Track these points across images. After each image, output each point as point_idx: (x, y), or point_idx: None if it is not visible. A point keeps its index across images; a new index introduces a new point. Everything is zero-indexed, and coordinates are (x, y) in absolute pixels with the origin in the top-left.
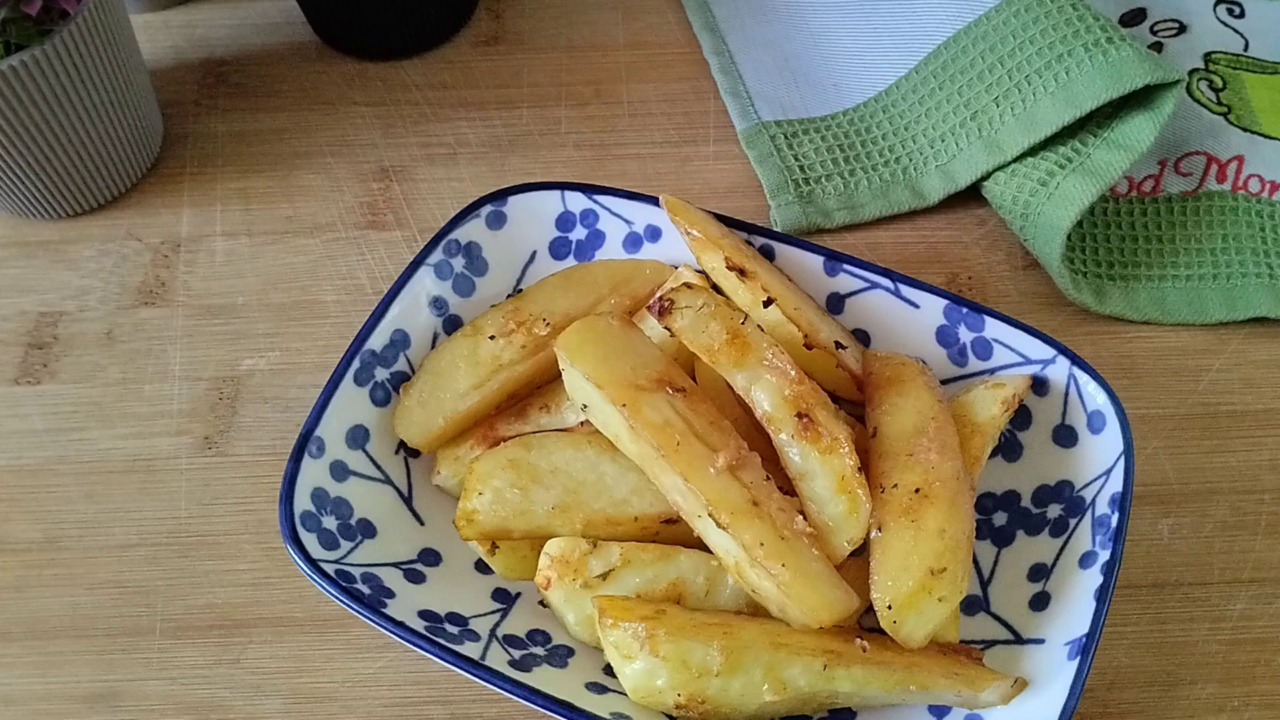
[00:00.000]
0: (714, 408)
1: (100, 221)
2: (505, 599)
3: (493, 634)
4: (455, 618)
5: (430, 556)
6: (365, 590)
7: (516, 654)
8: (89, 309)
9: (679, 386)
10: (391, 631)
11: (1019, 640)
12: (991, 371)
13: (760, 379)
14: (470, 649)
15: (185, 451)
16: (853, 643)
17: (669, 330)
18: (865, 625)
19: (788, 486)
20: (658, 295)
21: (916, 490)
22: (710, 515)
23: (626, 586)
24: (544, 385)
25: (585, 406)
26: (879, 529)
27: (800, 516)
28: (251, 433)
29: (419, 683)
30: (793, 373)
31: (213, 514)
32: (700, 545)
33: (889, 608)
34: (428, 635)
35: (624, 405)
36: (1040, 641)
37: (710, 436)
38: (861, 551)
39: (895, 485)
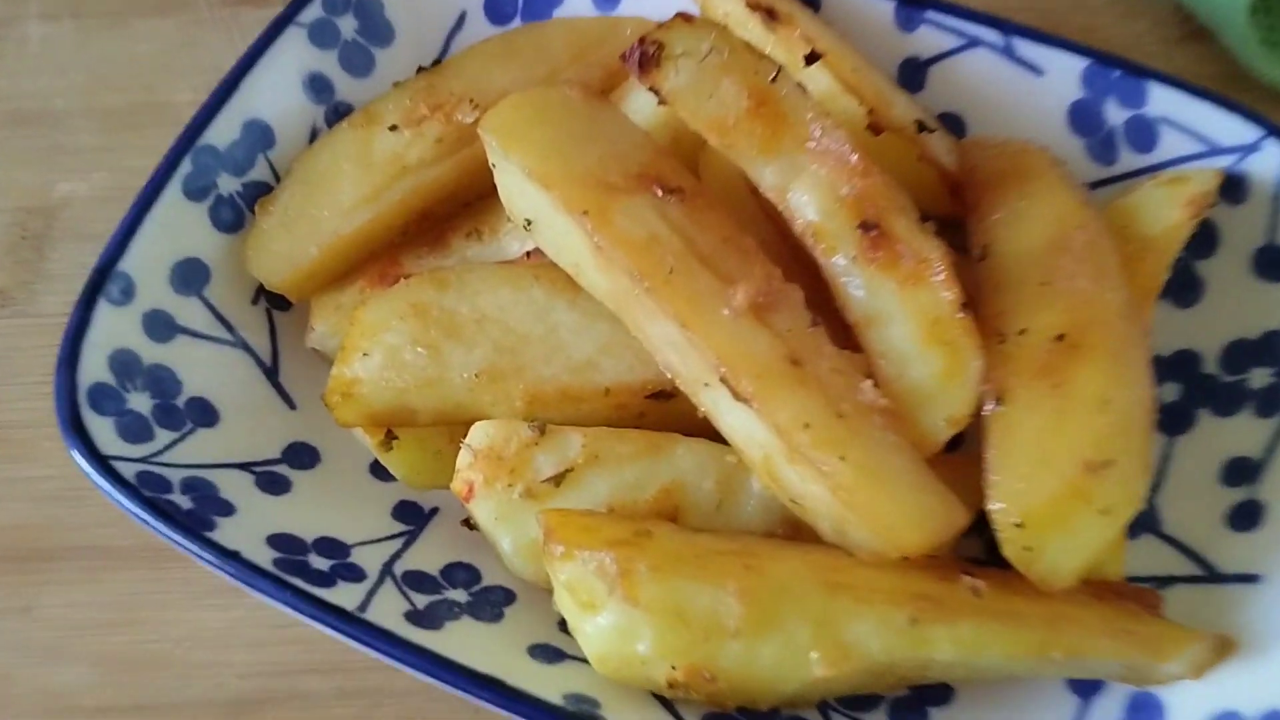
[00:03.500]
0: (728, 218)
1: None
2: (413, 518)
3: (387, 570)
4: (329, 546)
5: (302, 455)
6: (184, 503)
7: (421, 601)
8: None
9: (673, 186)
10: (214, 565)
11: (1213, 576)
12: (1155, 170)
13: (802, 171)
14: (345, 594)
15: None
16: (956, 583)
17: (658, 94)
18: (971, 556)
19: (847, 339)
20: (638, 41)
21: (1059, 337)
22: (724, 381)
23: (592, 495)
24: (474, 201)
25: (529, 223)
26: (997, 400)
27: (868, 383)
28: (64, 284)
29: (292, 641)
30: (853, 159)
31: (4, 399)
32: (709, 431)
33: (1018, 525)
34: (272, 572)
35: (585, 213)
36: (1252, 579)
37: (722, 260)
38: (963, 440)
39: (1023, 331)
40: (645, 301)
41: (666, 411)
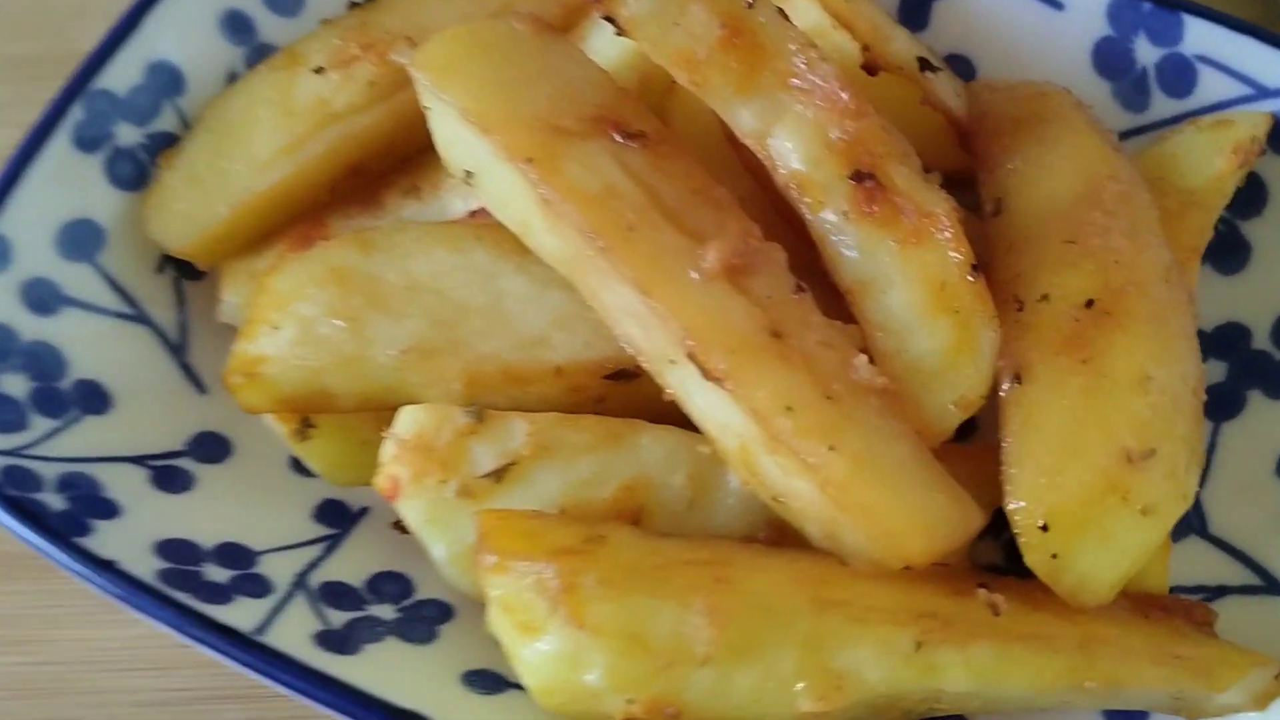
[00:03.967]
0: (699, 168)
1: None
2: (338, 520)
3: (300, 583)
4: (232, 553)
5: (210, 446)
6: (56, 503)
7: (338, 619)
8: None
9: (634, 130)
10: (83, 577)
11: (1273, 586)
12: (1193, 117)
13: (785, 112)
14: (242, 611)
15: None
16: (970, 598)
17: (615, 24)
18: (988, 564)
19: (838, 308)
20: None
21: (1089, 303)
22: (692, 357)
23: (540, 493)
24: (413, 155)
25: (469, 175)
26: (1015, 378)
27: (863, 358)
28: None
29: (203, 665)
30: (845, 97)
31: None
32: (679, 418)
33: (1043, 528)
34: (154, 585)
35: (530, 161)
36: None
37: (691, 215)
38: (976, 427)
39: (1045, 296)
40: (600, 264)
41: (629, 395)
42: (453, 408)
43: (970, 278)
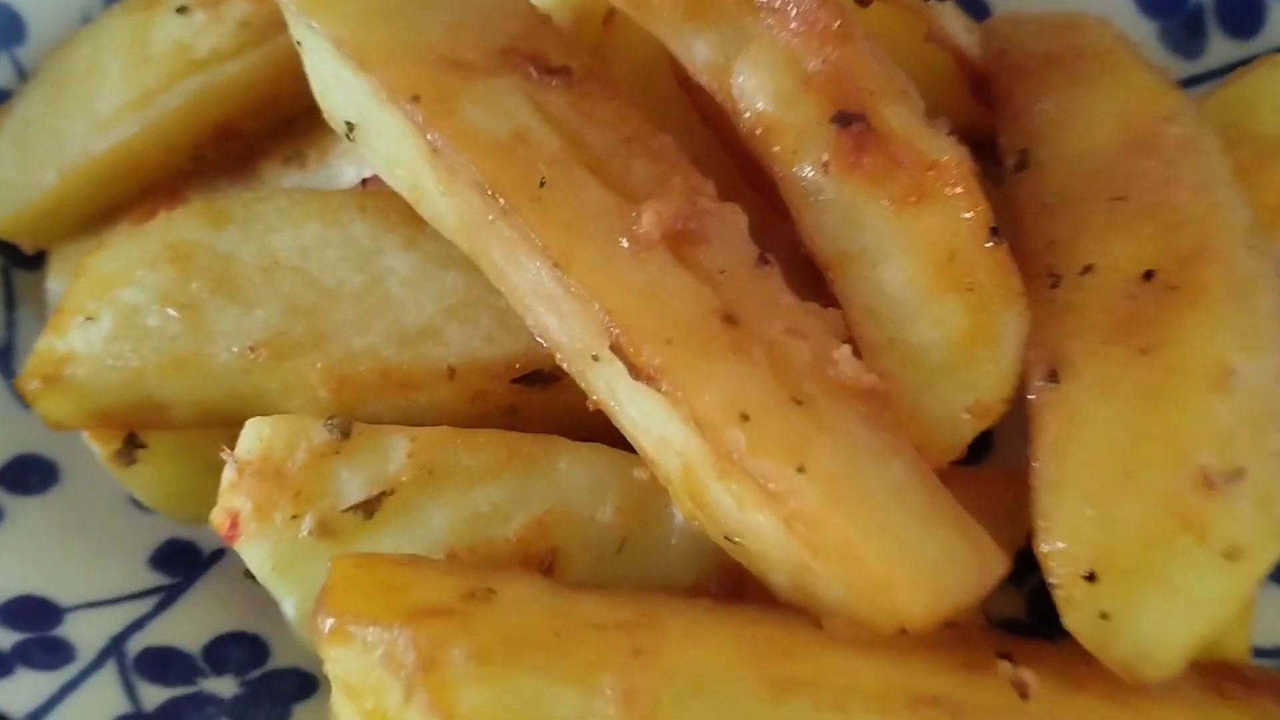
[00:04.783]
0: (636, 110)
1: None
2: (181, 566)
3: (114, 649)
4: (29, 611)
5: (28, 472)
6: None
7: (154, 697)
8: None
9: (554, 65)
10: None
11: None
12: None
13: (751, 40)
14: (22, 689)
15: None
16: (988, 674)
17: None
18: (1008, 620)
19: (816, 286)
20: None
21: (1147, 275)
22: (617, 350)
23: (424, 532)
24: (299, 115)
25: (351, 127)
26: (1050, 374)
27: (845, 349)
28: None
29: None
30: (824, 15)
31: None
32: (608, 433)
33: (1088, 578)
34: None
35: (416, 100)
36: None
37: (624, 167)
38: (992, 442)
39: (1088, 268)
40: (504, 230)
41: (546, 405)
42: (312, 420)
43: (989, 244)
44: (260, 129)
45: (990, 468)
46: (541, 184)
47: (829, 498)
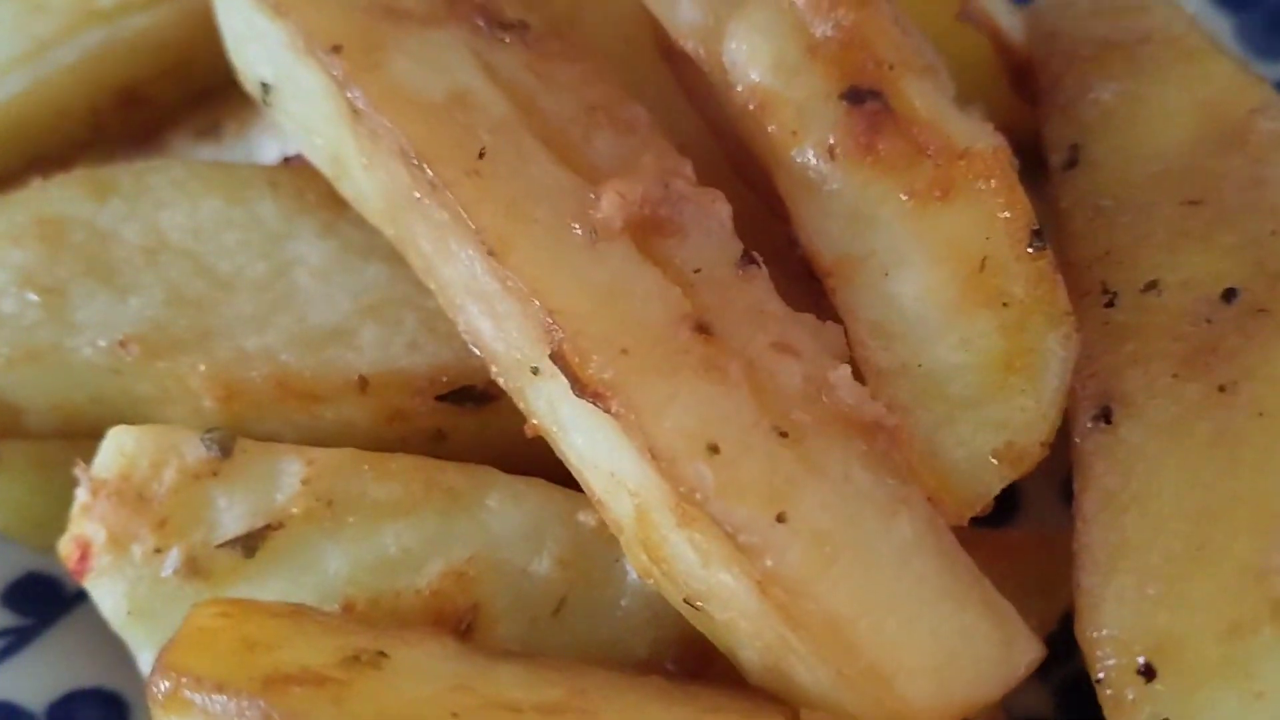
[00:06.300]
0: (604, 75)
1: None
2: (38, 605)
3: None
4: None
5: None
6: None
7: None
8: None
9: (508, 20)
10: None
11: None
12: None
13: (745, 2)
14: None
15: None
16: None
17: None
18: (1028, 718)
19: (813, 295)
20: None
21: (1228, 294)
22: (559, 359)
23: (315, 577)
24: (217, 83)
25: (267, 89)
26: (1103, 413)
27: (844, 371)
28: None
29: None
30: None
31: None
32: (555, 468)
33: (1144, 671)
34: None
35: (337, 50)
36: None
37: (585, 140)
38: (1019, 498)
39: (1152, 284)
40: (432, 211)
41: (480, 429)
42: (187, 432)
43: (1030, 250)
44: (170, 97)
45: (1019, 530)
46: (481, 155)
47: (815, 557)
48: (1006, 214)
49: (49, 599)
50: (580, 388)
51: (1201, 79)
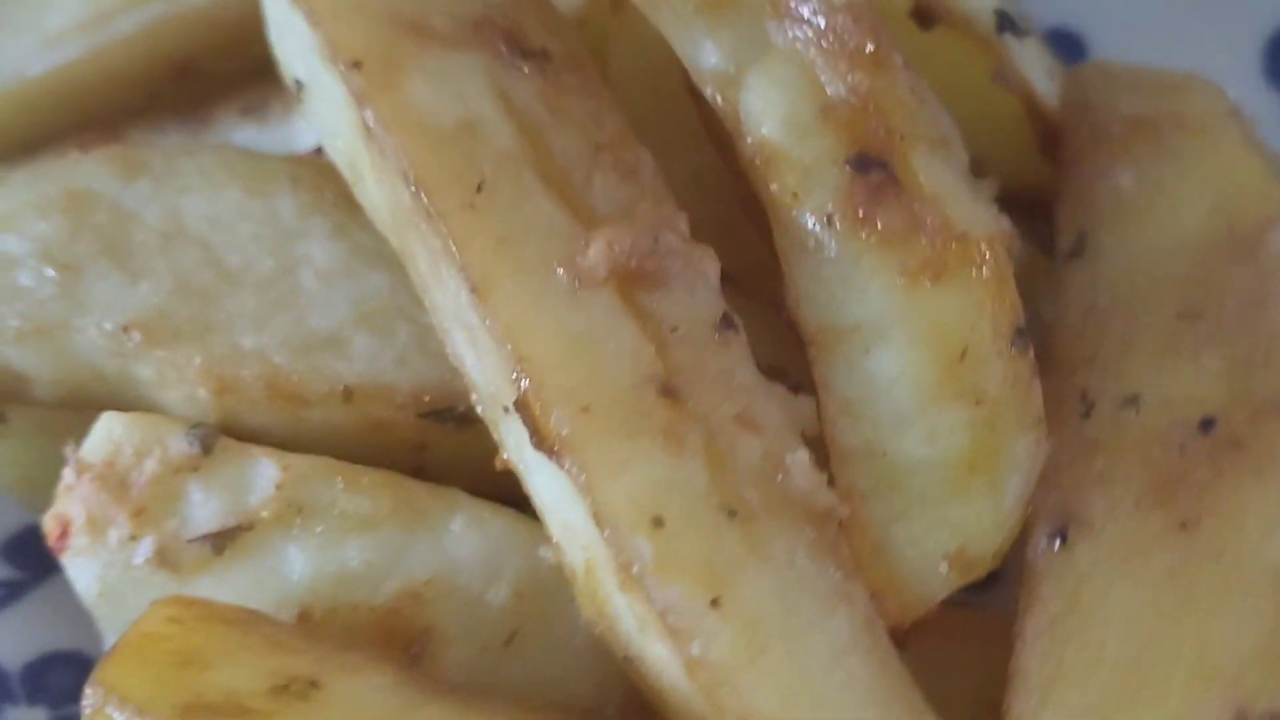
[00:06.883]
0: (617, 113)
1: None
2: (34, 561)
3: None
4: None
5: None
6: None
7: None
8: None
9: (532, 48)
10: None
11: None
12: None
13: (767, 51)
14: None
15: None
16: None
17: None
18: None
19: (791, 365)
20: None
21: (1206, 423)
22: (522, 407)
23: (277, 580)
24: (267, 63)
25: (300, 85)
26: (1059, 533)
27: (803, 455)
28: None
29: None
30: (858, 39)
31: None
32: (525, 495)
33: None
34: None
35: (358, 65)
36: None
37: (588, 181)
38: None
39: (1132, 400)
40: (429, 238)
41: (459, 449)
42: (173, 424)
43: (1012, 348)
44: (223, 72)
45: (969, 610)
46: (479, 188)
47: (744, 645)
48: (992, 308)
49: (43, 557)
50: (538, 440)
51: (1225, 176)
